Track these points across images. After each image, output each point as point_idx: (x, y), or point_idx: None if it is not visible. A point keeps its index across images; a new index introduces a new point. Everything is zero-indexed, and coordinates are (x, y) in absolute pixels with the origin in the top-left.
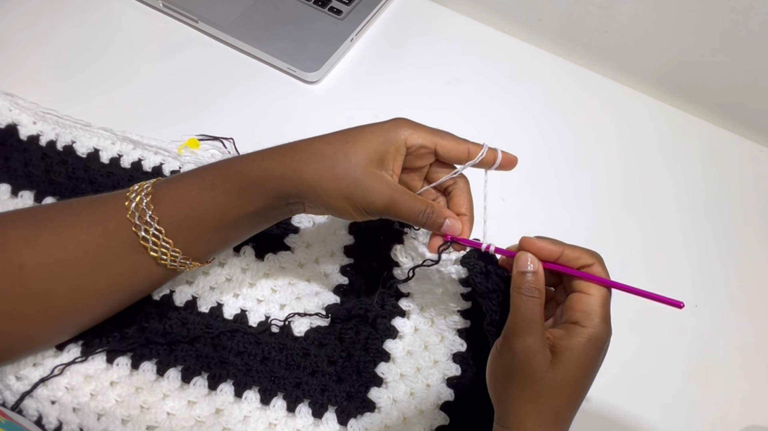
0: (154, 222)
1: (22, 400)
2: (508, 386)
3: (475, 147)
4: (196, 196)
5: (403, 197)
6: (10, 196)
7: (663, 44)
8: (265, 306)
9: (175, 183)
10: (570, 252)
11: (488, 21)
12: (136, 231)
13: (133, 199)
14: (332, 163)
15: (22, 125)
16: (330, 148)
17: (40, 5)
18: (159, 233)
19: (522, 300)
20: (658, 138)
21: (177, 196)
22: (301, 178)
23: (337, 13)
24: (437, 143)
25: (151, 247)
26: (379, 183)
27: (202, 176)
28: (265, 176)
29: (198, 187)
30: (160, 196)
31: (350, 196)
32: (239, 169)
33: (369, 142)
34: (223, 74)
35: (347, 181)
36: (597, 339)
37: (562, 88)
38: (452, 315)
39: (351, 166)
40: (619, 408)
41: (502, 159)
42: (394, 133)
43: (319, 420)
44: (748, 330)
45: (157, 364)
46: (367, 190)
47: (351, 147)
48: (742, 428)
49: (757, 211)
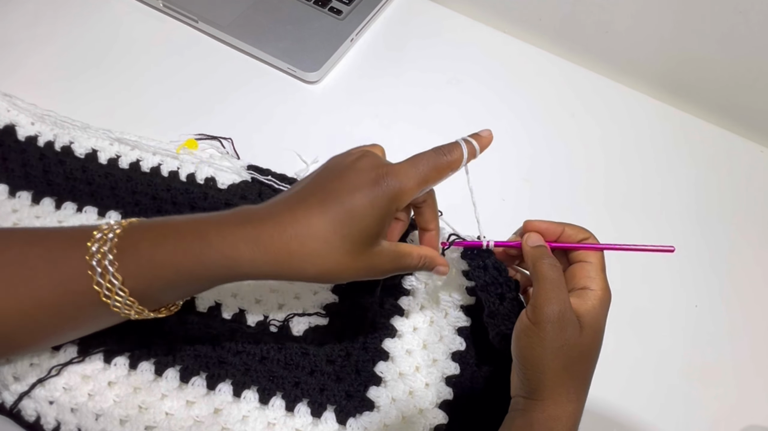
0: (118, 281)
1: (20, 400)
2: (543, 356)
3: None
4: (172, 279)
5: (400, 262)
6: (7, 196)
7: (663, 44)
8: (264, 306)
9: (146, 257)
10: (569, 230)
11: (488, 21)
12: (99, 289)
13: (94, 253)
14: (336, 261)
15: (20, 126)
16: (328, 246)
17: (40, 5)
18: (123, 292)
19: (548, 269)
20: (658, 138)
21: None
22: (305, 278)
23: (337, 13)
24: (423, 187)
25: (113, 305)
26: (380, 261)
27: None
28: (257, 274)
29: (175, 271)
30: (128, 266)
31: (356, 279)
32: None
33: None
34: (222, 74)
35: (351, 271)
36: (605, 299)
37: (562, 87)
38: (454, 310)
39: (353, 259)
40: (618, 408)
41: (480, 144)
42: (386, 205)
43: (318, 420)
44: (747, 330)
45: (155, 364)
46: (371, 272)
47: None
48: (742, 428)
49: (756, 211)
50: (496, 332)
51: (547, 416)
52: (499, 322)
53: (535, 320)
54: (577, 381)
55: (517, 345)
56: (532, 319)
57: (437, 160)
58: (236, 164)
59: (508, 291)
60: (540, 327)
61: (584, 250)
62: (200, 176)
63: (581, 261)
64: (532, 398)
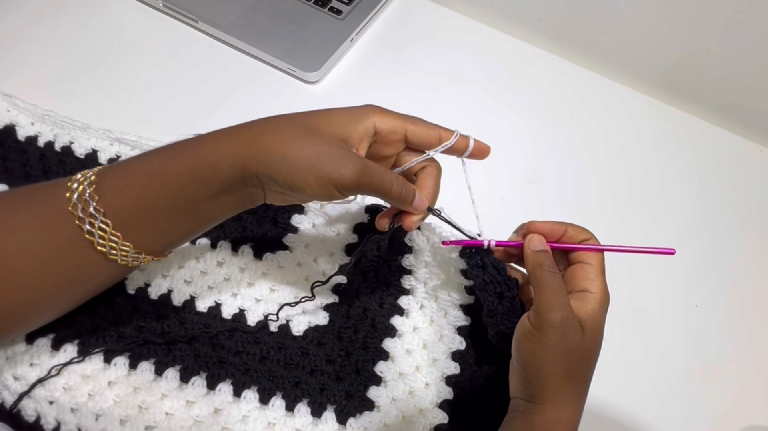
0: (99, 214)
1: (20, 400)
2: (545, 362)
3: (447, 132)
4: (143, 182)
5: (372, 171)
6: None
7: (663, 44)
8: (264, 305)
9: (121, 169)
10: (571, 230)
11: (488, 21)
12: (80, 224)
13: (75, 188)
14: (293, 134)
15: (20, 126)
16: (289, 122)
17: (41, 6)
18: (105, 226)
19: (549, 276)
20: (658, 138)
21: (123, 183)
22: (259, 149)
23: (337, 13)
24: (407, 128)
25: (98, 242)
26: (345, 152)
27: (149, 159)
28: (218, 154)
29: (145, 173)
30: (104, 184)
31: (314, 165)
32: (190, 149)
33: (334, 121)
34: (222, 74)
35: (310, 149)
36: (604, 301)
37: (562, 87)
38: (454, 310)
39: (314, 136)
40: (619, 408)
41: (475, 147)
42: (363, 116)
43: (318, 419)
44: (747, 330)
45: (155, 364)
46: (332, 159)
47: (315, 122)
48: (742, 428)
49: (756, 211)
50: (496, 331)
51: (548, 419)
52: (498, 322)
53: (538, 325)
54: (578, 385)
55: (519, 349)
56: (535, 324)
57: (429, 124)
58: None
59: (507, 291)
60: (543, 332)
61: (584, 251)
62: None
63: (581, 263)
64: (533, 401)
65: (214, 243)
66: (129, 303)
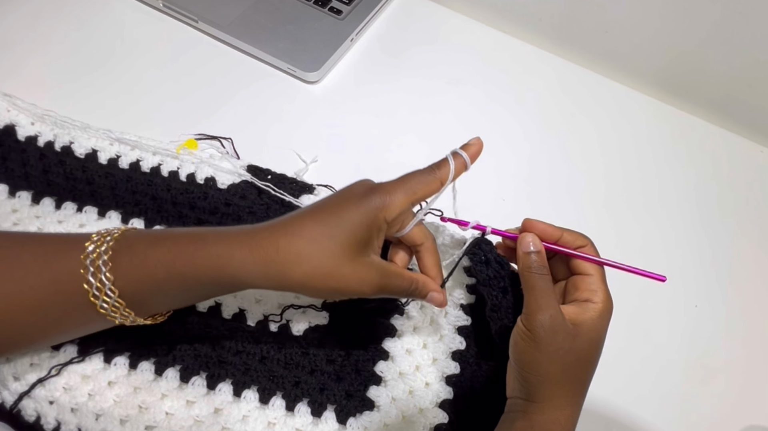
0: (109, 281)
1: (20, 400)
2: (539, 361)
3: (443, 170)
4: (163, 278)
5: (389, 280)
6: (7, 196)
7: (662, 44)
8: (264, 306)
9: (139, 257)
10: (568, 235)
11: (488, 21)
12: (88, 288)
13: (90, 252)
14: (321, 263)
15: (20, 126)
16: (315, 246)
17: (40, 6)
18: (112, 293)
19: (536, 279)
20: (657, 138)
21: (140, 273)
22: (289, 281)
23: (337, 13)
24: (412, 200)
25: (101, 305)
26: (367, 273)
27: (172, 258)
28: (245, 274)
29: (166, 270)
30: (121, 266)
31: (340, 290)
32: (215, 263)
33: (352, 228)
34: (222, 74)
35: (336, 277)
36: (606, 311)
37: (561, 88)
38: (454, 309)
39: (339, 263)
40: (618, 408)
41: (472, 153)
42: (373, 214)
43: (318, 419)
44: (747, 330)
45: (155, 364)
46: (356, 282)
47: (336, 241)
48: (742, 428)
49: (756, 211)
50: (500, 326)
51: (546, 418)
52: (503, 316)
53: (528, 326)
54: (574, 385)
55: (515, 349)
56: (526, 325)
57: (426, 175)
58: (236, 164)
59: (511, 285)
60: (534, 332)
61: (584, 261)
62: (200, 176)
63: (581, 275)
64: (531, 400)
65: None
66: None
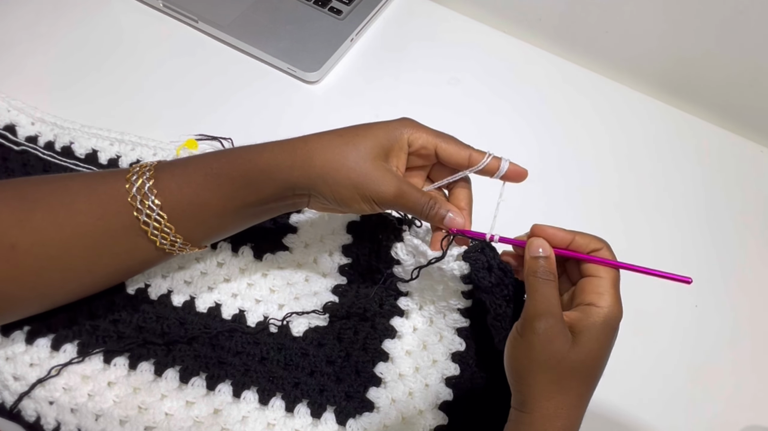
0: (157, 207)
1: (20, 401)
2: (530, 369)
3: (478, 154)
4: (201, 182)
5: (409, 189)
6: None
7: (663, 44)
8: (264, 306)
9: (180, 168)
10: (580, 239)
11: (488, 21)
12: (138, 215)
13: (135, 181)
14: (342, 154)
15: (20, 126)
16: (340, 140)
17: (40, 6)
18: (161, 218)
19: (539, 283)
20: (658, 138)
21: (181, 181)
22: (312, 167)
23: (337, 13)
24: (438, 146)
25: (151, 232)
26: (387, 174)
27: (209, 162)
28: (274, 165)
29: (203, 174)
30: (163, 180)
31: (359, 185)
32: (248, 158)
33: (377, 137)
34: (222, 74)
35: (357, 171)
36: (611, 318)
37: (561, 87)
38: (452, 313)
39: (360, 157)
40: (619, 408)
41: (510, 170)
42: (399, 132)
43: (318, 420)
44: (748, 330)
45: (155, 364)
46: (376, 181)
47: (361, 140)
48: (742, 428)
49: (757, 211)
50: (504, 336)
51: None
52: (507, 325)
53: (522, 331)
54: (568, 397)
55: (508, 356)
56: (520, 331)
57: (459, 142)
58: None
59: (515, 293)
60: (526, 338)
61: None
62: None
63: (591, 276)
64: (522, 410)
65: (215, 244)
66: (128, 303)
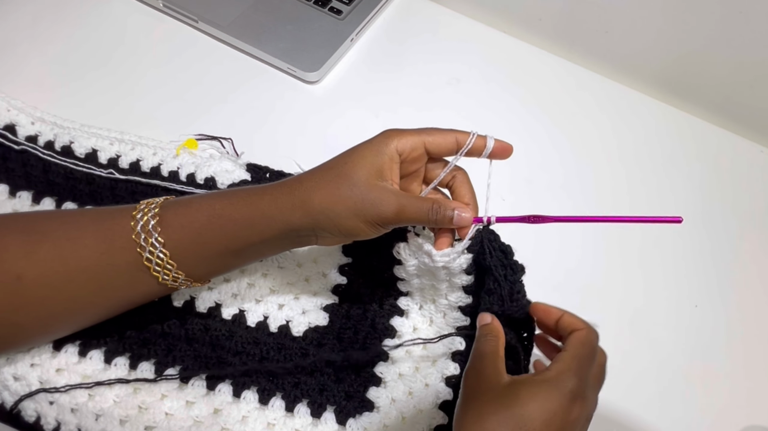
0: (160, 245)
1: (20, 401)
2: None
3: (463, 135)
4: (204, 222)
5: (409, 201)
6: (8, 196)
7: (663, 44)
8: (264, 306)
9: (184, 206)
10: (567, 317)
11: (488, 21)
12: (141, 251)
13: (140, 218)
14: (336, 186)
15: (20, 125)
16: (331, 172)
17: (40, 6)
18: (164, 255)
19: (483, 343)
20: (658, 138)
21: (185, 220)
22: (311, 206)
23: (337, 13)
24: (425, 141)
25: (154, 268)
26: (384, 193)
27: (212, 203)
28: (275, 207)
29: (207, 214)
30: (167, 218)
31: (360, 212)
32: (250, 200)
33: (365, 158)
34: (222, 74)
35: (353, 198)
36: (553, 384)
37: (562, 88)
38: (452, 311)
39: (354, 184)
40: (618, 408)
41: (495, 147)
42: (385, 145)
43: (318, 420)
44: (747, 330)
45: (155, 364)
46: (374, 203)
47: (350, 167)
48: (742, 428)
49: (757, 211)
50: (486, 309)
51: None
52: (493, 301)
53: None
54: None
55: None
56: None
57: (443, 129)
58: (236, 164)
59: (511, 274)
60: (462, 387)
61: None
62: (200, 176)
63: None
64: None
65: None
66: None
